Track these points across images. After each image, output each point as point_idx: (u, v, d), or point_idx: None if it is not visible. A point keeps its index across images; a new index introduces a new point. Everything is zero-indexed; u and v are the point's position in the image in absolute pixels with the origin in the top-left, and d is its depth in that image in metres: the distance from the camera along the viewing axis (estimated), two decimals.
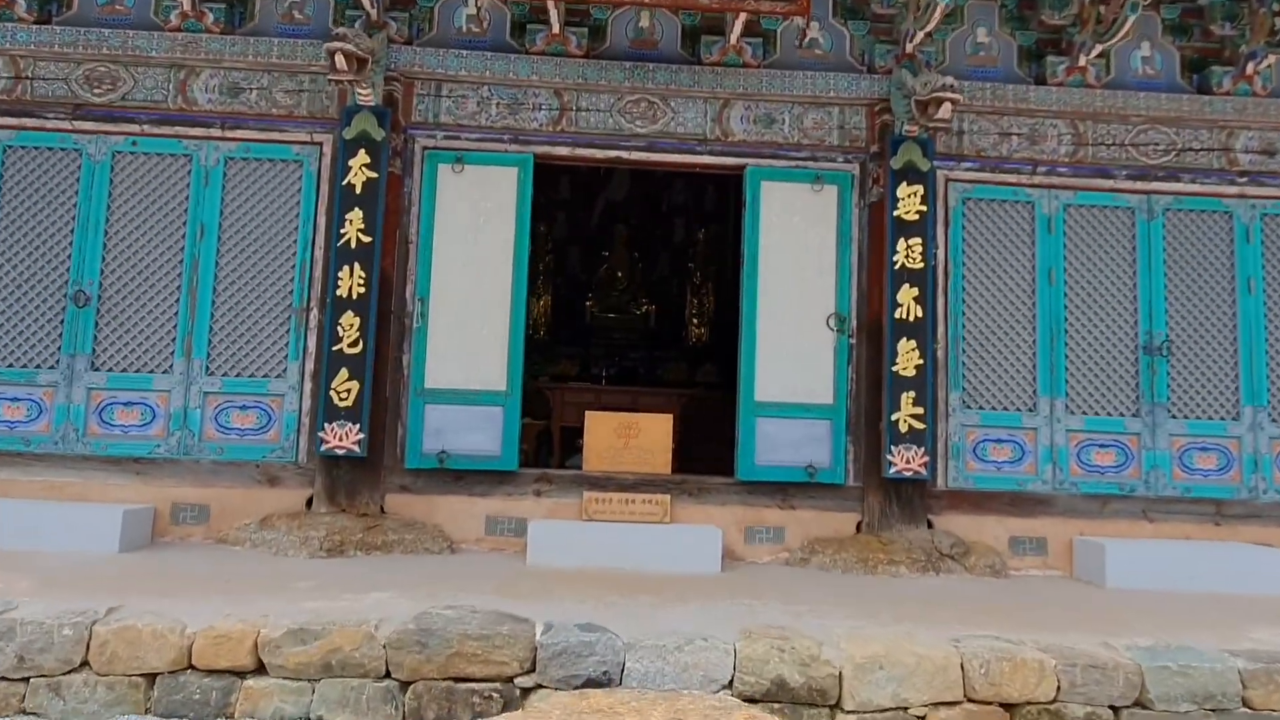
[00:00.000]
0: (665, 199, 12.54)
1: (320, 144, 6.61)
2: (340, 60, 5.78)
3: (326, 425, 6.14)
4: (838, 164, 6.80)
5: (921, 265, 6.49)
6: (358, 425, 6.15)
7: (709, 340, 11.90)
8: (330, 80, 6.02)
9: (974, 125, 6.85)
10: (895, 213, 6.53)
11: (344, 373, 6.17)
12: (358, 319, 6.23)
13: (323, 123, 6.60)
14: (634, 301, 12.10)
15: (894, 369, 6.41)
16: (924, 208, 6.52)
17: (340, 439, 6.13)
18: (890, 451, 6.34)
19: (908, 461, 6.32)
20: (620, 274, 12.19)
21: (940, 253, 6.73)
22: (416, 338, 6.48)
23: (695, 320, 12.11)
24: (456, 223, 6.58)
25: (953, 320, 6.71)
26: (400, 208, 6.57)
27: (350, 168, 6.33)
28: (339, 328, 6.21)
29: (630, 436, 6.70)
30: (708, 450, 8.30)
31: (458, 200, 6.60)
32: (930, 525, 6.48)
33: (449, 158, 6.62)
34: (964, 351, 6.70)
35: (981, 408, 6.69)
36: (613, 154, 6.76)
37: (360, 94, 6.29)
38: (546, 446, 9.63)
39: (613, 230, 12.31)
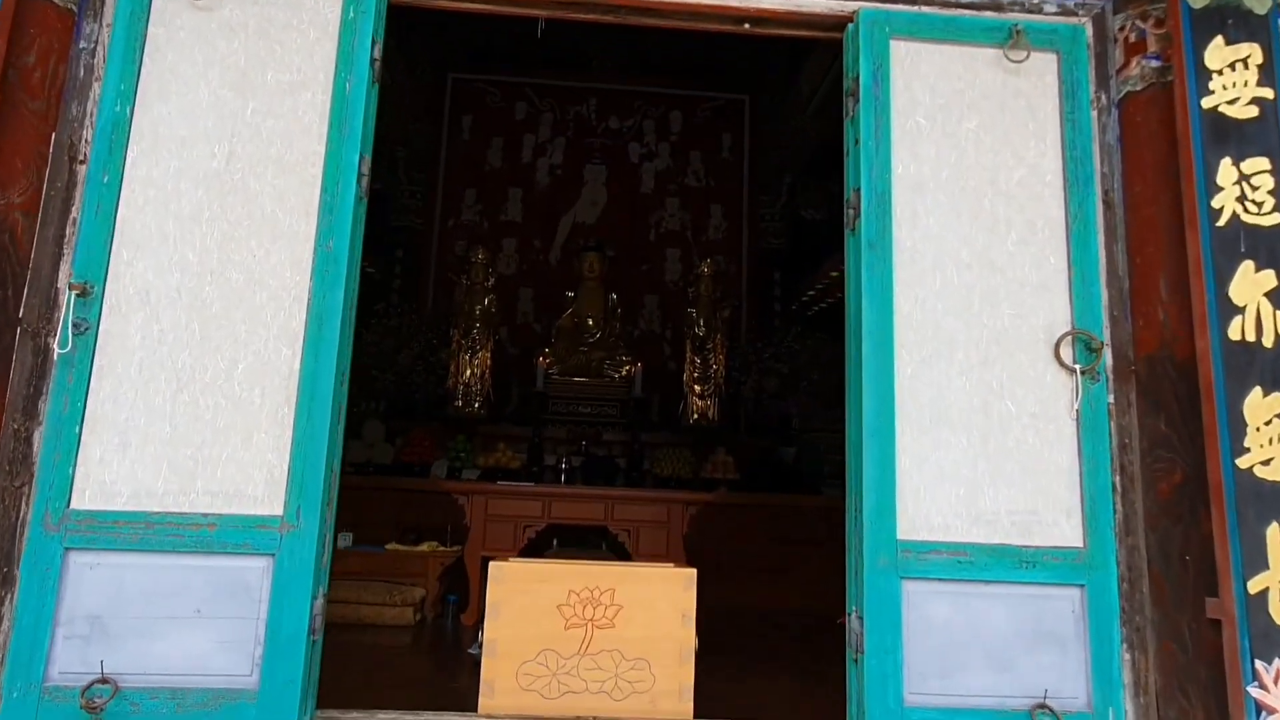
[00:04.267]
0: (655, 221, 9.08)
1: None
2: None
3: None
4: (1050, 13, 3.15)
5: (1277, 220, 2.80)
6: None
7: (719, 417, 8.12)
8: None
9: None
10: (1204, 103, 2.86)
11: None
12: None
13: None
14: (610, 360, 8.37)
15: (1238, 462, 2.63)
16: (1266, 91, 2.87)
17: None
18: (1253, 672, 2.51)
19: None
20: (591, 321, 8.50)
21: None
22: (65, 380, 2.63)
23: (698, 388, 8.33)
24: (194, 118, 2.82)
25: None
26: (59, 81, 2.81)
27: None
28: None
29: (596, 622, 2.82)
30: (742, 616, 4.43)
31: (199, 66, 2.85)
32: None
33: None
34: None
35: None
36: None
37: None
38: (460, 590, 5.68)
39: (580, 262, 8.68)
